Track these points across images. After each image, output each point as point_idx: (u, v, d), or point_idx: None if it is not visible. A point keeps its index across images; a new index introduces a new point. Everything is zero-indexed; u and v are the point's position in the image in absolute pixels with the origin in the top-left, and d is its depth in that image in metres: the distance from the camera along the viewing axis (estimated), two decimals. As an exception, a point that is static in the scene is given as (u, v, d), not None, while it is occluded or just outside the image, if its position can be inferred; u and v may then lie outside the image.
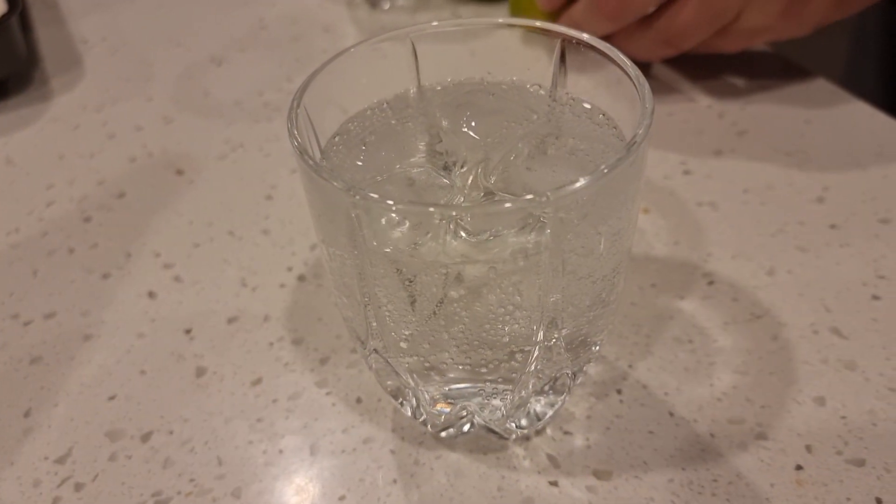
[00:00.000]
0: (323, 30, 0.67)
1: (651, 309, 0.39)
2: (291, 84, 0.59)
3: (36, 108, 0.59)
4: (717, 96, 0.54)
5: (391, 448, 0.34)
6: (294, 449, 0.34)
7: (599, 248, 0.27)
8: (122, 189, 0.50)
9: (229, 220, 0.47)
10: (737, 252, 0.42)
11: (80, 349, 0.39)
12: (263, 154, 0.52)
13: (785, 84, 0.55)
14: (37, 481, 0.33)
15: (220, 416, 0.35)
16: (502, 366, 0.28)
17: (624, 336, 0.38)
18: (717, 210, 0.45)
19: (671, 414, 0.34)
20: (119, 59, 0.65)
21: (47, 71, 0.63)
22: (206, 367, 0.38)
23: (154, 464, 0.34)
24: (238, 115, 0.57)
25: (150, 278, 0.43)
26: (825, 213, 0.44)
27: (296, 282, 0.42)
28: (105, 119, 0.57)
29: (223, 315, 0.41)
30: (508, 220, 0.25)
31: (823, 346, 0.37)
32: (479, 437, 0.34)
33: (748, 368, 0.36)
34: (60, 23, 0.70)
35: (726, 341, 0.37)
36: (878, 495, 0.31)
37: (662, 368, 0.36)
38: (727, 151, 0.49)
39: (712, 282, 0.40)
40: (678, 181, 0.47)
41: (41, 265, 0.45)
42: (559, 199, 0.23)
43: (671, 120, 0.52)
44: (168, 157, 0.53)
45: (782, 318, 0.38)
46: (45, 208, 0.49)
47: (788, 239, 0.42)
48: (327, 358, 0.38)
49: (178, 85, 0.61)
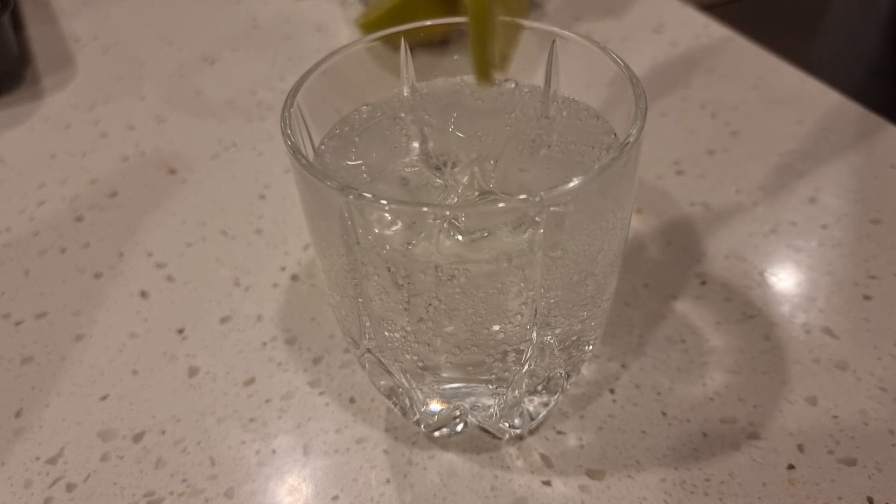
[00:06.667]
0: (316, 29, 0.67)
1: (644, 309, 0.39)
2: (284, 83, 0.59)
3: (27, 106, 0.59)
4: (709, 96, 0.54)
5: (384, 448, 0.34)
6: (287, 449, 0.34)
7: (593, 248, 0.27)
8: (114, 188, 0.50)
9: (222, 219, 0.47)
10: (729, 252, 0.42)
11: (72, 349, 0.39)
12: (256, 153, 0.52)
13: (777, 85, 0.55)
14: (28, 482, 0.33)
15: (212, 416, 0.35)
16: (495, 365, 0.28)
17: (617, 336, 0.38)
18: (710, 210, 0.45)
19: (664, 413, 0.34)
20: (111, 57, 0.65)
21: (39, 69, 0.63)
22: (199, 367, 0.38)
23: (146, 464, 0.34)
24: (231, 114, 0.56)
25: (142, 278, 0.43)
26: (817, 213, 0.44)
27: (289, 281, 0.42)
28: (97, 118, 0.57)
29: (216, 315, 0.40)
30: (502, 220, 0.25)
31: (815, 345, 0.37)
32: (473, 436, 0.34)
33: (740, 368, 0.36)
34: (52, 21, 0.70)
35: (719, 341, 0.37)
36: (870, 494, 0.31)
37: (655, 368, 0.36)
38: (720, 151, 0.49)
39: (705, 282, 0.40)
40: (671, 181, 0.47)
41: (33, 265, 0.44)
42: (552, 198, 0.23)
43: (664, 120, 0.52)
44: (161, 156, 0.53)
45: (774, 318, 0.38)
46: (37, 207, 0.49)
47: (780, 239, 0.42)
48: (320, 358, 0.38)
49: (170, 84, 0.61)
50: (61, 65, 0.64)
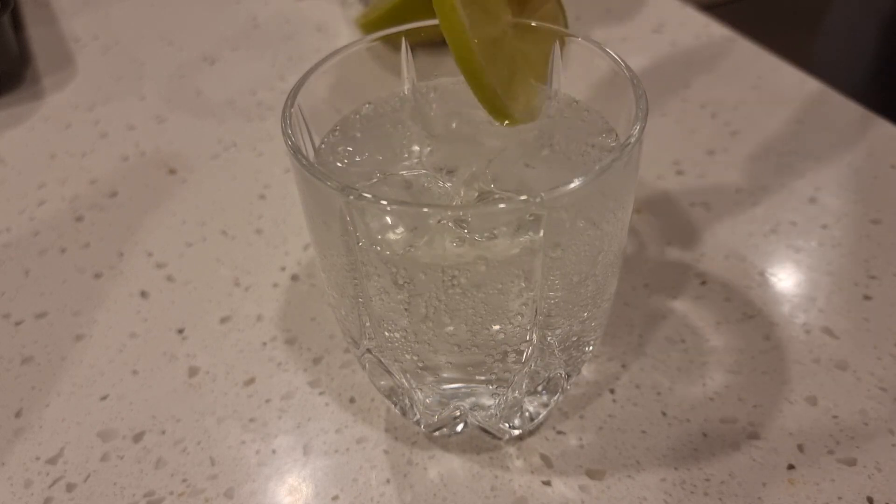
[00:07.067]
0: (316, 29, 0.67)
1: (644, 308, 0.39)
2: (284, 83, 0.59)
3: (27, 106, 0.59)
4: (709, 96, 0.54)
5: (384, 448, 0.34)
6: (287, 449, 0.34)
7: (593, 249, 0.27)
8: (114, 188, 0.50)
9: (222, 219, 0.47)
10: (729, 252, 0.42)
11: (72, 349, 0.39)
12: (256, 153, 0.52)
13: (777, 84, 0.55)
14: (28, 482, 0.33)
15: (212, 416, 0.35)
16: (496, 366, 0.28)
17: (617, 336, 0.38)
18: (710, 210, 0.45)
19: (664, 413, 0.34)
20: (111, 57, 0.65)
21: (39, 69, 0.63)
22: (199, 367, 0.38)
23: (146, 464, 0.34)
24: (231, 114, 0.56)
25: (142, 278, 0.43)
26: (817, 213, 0.44)
27: (289, 281, 0.42)
28: (97, 118, 0.57)
29: (216, 315, 0.40)
30: (503, 221, 0.25)
31: (815, 345, 0.37)
32: (473, 436, 0.34)
33: (740, 368, 0.36)
34: (52, 21, 0.70)
35: (719, 341, 0.37)
36: (870, 494, 0.31)
37: (655, 368, 0.36)
38: (720, 151, 0.49)
39: (705, 282, 0.40)
40: (671, 181, 0.47)
41: (33, 265, 0.44)
42: (553, 199, 0.23)
43: (664, 120, 0.52)
44: (161, 156, 0.53)
45: (774, 318, 0.38)
46: (37, 207, 0.49)
47: (780, 239, 0.42)
48: (320, 358, 0.38)
49: (170, 84, 0.61)
50: (61, 65, 0.64)
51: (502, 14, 0.30)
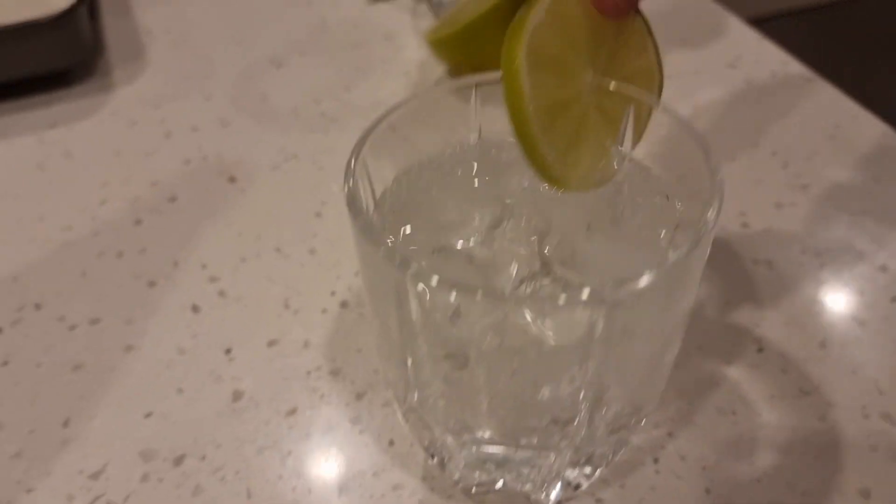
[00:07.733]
0: (384, 37, 0.66)
1: (696, 373, 0.38)
2: (349, 94, 0.59)
3: (97, 99, 0.59)
4: (782, 143, 0.52)
5: (420, 498, 0.33)
6: (323, 488, 0.34)
7: (654, 336, 0.26)
8: (174, 192, 0.50)
9: (277, 235, 0.47)
10: (790, 318, 0.40)
11: (122, 360, 0.40)
12: (317, 167, 0.52)
13: (855, 136, 0.53)
14: (70, 496, 0.34)
15: (252, 445, 0.36)
16: (541, 436, 0.28)
17: (666, 400, 0.37)
18: (773, 269, 0.43)
19: (707, 491, 0.33)
20: (181, 53, 0.65)
21: (111, 61, 0.64)
22: (244, 391, 0.38)
23: (184, 489, 0.34)
24: (294, 123, 0.57)
25: (194, 291, 0.43)
26: (888, 283, 0.42)
27: (338, 308, 0.42)
28: (163, 116, 0.58)
29: (264, 337, 0.41)
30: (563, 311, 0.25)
31: (873, 431, 0.35)
32: (511, 495, 0.33)
33: (791, 448, 0.35)
34: (127, 11, 0.70)
35: (771, 416, 0.36)
36: None
37: (703, 439, 0.35)
38: (788, 205, 0.48)
39: (762, 349, 0.39)
40: (735, 234, 0.46)
41: (90, 266, 0.45)
42: (618, 297, 0.22)
43: (733, 166, 0.51)
44: (222, 162, 0.53)
45: (832, 397, 0.37)
46: (99, 207, 0.49)
47: (845, 309, 0.41)
48: (363, 393, 0.38)
49: (236, 85, 0.61)
50: (132, 57, 0.64)
51: (582, 73, 0.29)
